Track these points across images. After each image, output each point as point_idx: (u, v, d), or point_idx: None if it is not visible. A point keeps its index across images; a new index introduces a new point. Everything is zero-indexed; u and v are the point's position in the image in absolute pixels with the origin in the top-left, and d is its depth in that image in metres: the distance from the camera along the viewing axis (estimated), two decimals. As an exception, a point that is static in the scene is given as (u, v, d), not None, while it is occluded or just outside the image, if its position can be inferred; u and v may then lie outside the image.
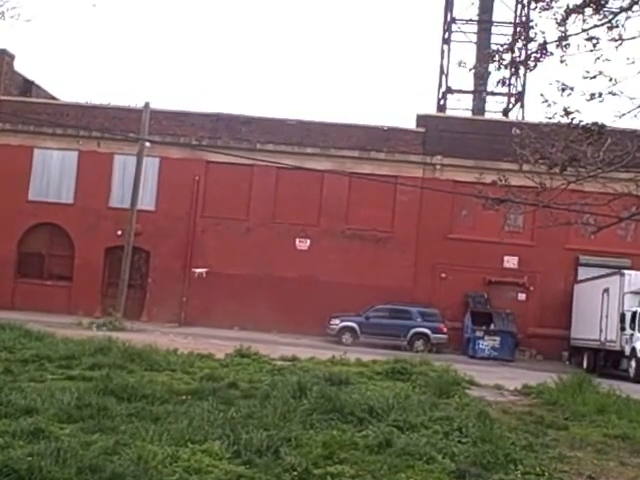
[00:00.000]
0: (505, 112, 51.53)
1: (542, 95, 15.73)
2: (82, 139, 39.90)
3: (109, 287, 39.24)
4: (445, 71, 50.96)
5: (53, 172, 40.57)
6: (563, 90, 15.27)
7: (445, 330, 35.89)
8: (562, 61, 14.78)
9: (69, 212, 39.86)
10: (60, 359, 18.68)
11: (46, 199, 40.33)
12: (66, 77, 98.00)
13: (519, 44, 16.20)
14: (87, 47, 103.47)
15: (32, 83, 43.29)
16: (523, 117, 47.78)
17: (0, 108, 39.29)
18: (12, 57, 41.47)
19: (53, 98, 44.46)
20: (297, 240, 39.35)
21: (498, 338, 35.31)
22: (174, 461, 10.41)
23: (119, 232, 38.29)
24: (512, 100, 51.17)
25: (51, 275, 40.57)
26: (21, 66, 43.21)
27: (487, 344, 35.28)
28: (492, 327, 35.87)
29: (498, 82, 17.85)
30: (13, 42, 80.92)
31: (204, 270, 39.30)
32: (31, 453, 9.93)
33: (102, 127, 39.18)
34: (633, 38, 14.76)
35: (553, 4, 14.74)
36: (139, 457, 10.23)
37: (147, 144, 36.61)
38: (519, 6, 49.79)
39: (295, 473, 10.53)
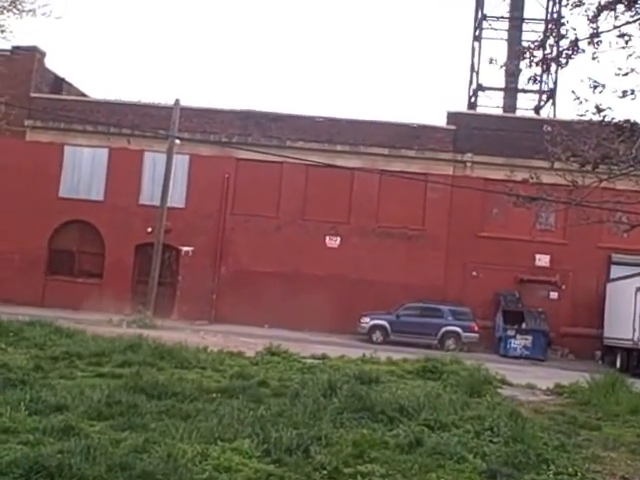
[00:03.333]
0: (536, 109, 51.21)
1: (574, 92, 15.64)
2: (112, 136, 40.05)
3: (139, 284, 39.28)
4: (476, 68, 50.75)
5: (83, 169, 40.68)
6: (595, 87, 15.15)
7: (476, 329, 35.61)
8: (594, 58, 14.67)
9: (99, 209, 39.98)
10: (90, 356, 18.80)
11: (77, 196, 40.42)
12: (97, 74, 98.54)
13: (550, 41, 16.08)
14: (118, 44, 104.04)
15: (63, 80, 43.43)
16: (554, 114, 47.45)
17: (31, 105, 39.40)
18: (43, 54, 41.64)
19: (84, 95, 44.63)
20: (327, 238, 39.25)
21: (530, 337, 35.00)
22: (204, 459, 10.43)
23: (149, 229, 38.39)
24: (543, 97, 50.86)
25: (81, 272, 40.69)
26: (52, 63, 43.45)
27: (519, 343, 34.99)
28: (524, 326, 35.54)
29: (529, 79, 17.65)
30: (44, 39, 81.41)
31: (190, 249, 39.36)
32: (61, 450, 9.98)
33: (132, 124, 39.23)
34: (665, 35, 14.60)
35: (584, 1, 14.63)
36: (169, 455, 10.25)
37: (177, 141, 36.65)
38: (550, 3, 49.44)
39: (325, 472, 10.55)
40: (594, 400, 18.10)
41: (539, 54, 15.73)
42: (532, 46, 15.86)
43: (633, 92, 14.99)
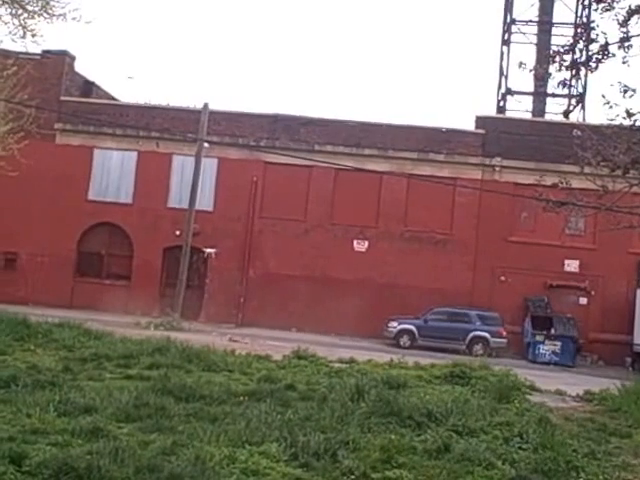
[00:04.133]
0: (566, 114, 50.59)
1: (603, 97, 15.55)
2: (141, 139, 40.16)
3: (167, 287, 39.34)
4: (505, 72, 50.33)
5: (112, 172, 40.77)
6: (625, 92, 15.09)
7: (505, 334, 35.27)
8: (624, 62, 14.61)
9: (128, 212, 40.12)
10: (118, 358, 18.99)
11: (105, 199, 40.58)
12: (126, 78, 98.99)
13: (580, 45, 16.04)
14: (146, 48, 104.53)
15: (92, 84, 43.61)
16: (584, 119, 47.02)
17: (61, 109, 39.64)
18: (73, 58, 41.83)
19: (113, 99, 44.80)
20: (355, 242, 39.10)
21: (559, 343, 34.63)
22: (231, 462, 10.52)
23: (177, 232, 38.47)
24: (573, 102, 50.44)
25: (110, 274, 40.79)
26: (82, 67, 43.64)
27: (548, 349, 34.65)
28: (553, 332, 35.19)
29: (559, 84, 17.55)
30: (74, 43, 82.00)
31: (213, 250, 39.42)
32: (90, 452, 10.13)
33: (161, 128, 39.38)
34: (696, 40, 14.50)
35: (615, 5, 14.59)
36: (197, 457, 10.35)
37: (206, 145, 36.71)
38: (580, 7, 49.01)
39: (353, 477, 10.63)
40: (624, 407, 17.95)
41: (568, 58, 15.67)
42: (562, 50, 15.80)
43: (664, 97, 14.91)
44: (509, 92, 50.53)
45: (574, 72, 16.56)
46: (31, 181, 38.16)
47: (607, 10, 14.65)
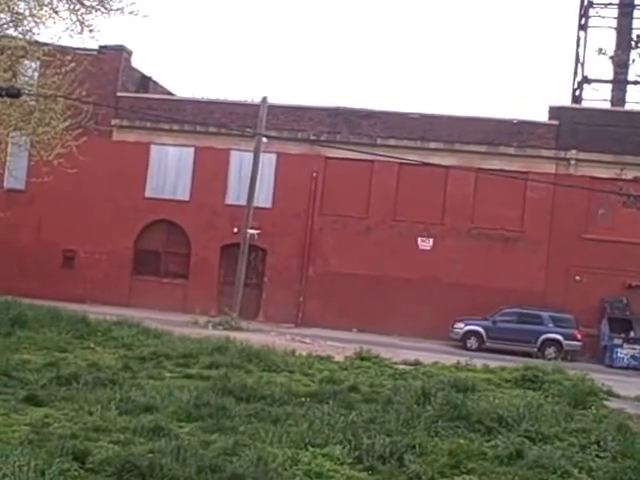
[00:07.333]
0: (648, 103, 49.13)
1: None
2: (199, 135, 39.84)
3: (225, 285, 39.16)
4: (581, 60, 48.63)
5: (169, 168, 40.63)
6: None
7: (579, 337, 34.25)
8: None
9: (185, 209, 39.97)
10: (178, 357, 19.30)
11: (162, 196, 40.44)
12: (183, 72, 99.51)
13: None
14: (204, 41, 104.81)
15: (149, 79, 43.66)
16: (669, 108, 45.44)
17: (118, 104, 39.73)
18: (130, 53, 41.94)
19: (170, 94, 44.81)
20: (419, 239, 38.29)
21: (639, 346, 33.64)
22: (294, 464, 10.54)
23: (235, 229, 38.23)
24: (656, 90, 48.79)
25: (167, 273, 40.72)
26: (139, 62, 43.70)
27: (626, 353, 33.58)
28: (632, 334, 34.12)
29: (642, 70, 16.92)
30: (131, 38, 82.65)
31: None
32: (151, 450, 10.40)
33: (219, 122, 39.17)
34: None
35: None
36: (259, 458, 10.37)
37: (264, 139, 36.35)
38: (665, -13, 47.41)
39: (419, 482, 10.48)
40: None
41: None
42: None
43: None
44: (586, 80, 48.84)
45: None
46: (89, 178, 38.28)
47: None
